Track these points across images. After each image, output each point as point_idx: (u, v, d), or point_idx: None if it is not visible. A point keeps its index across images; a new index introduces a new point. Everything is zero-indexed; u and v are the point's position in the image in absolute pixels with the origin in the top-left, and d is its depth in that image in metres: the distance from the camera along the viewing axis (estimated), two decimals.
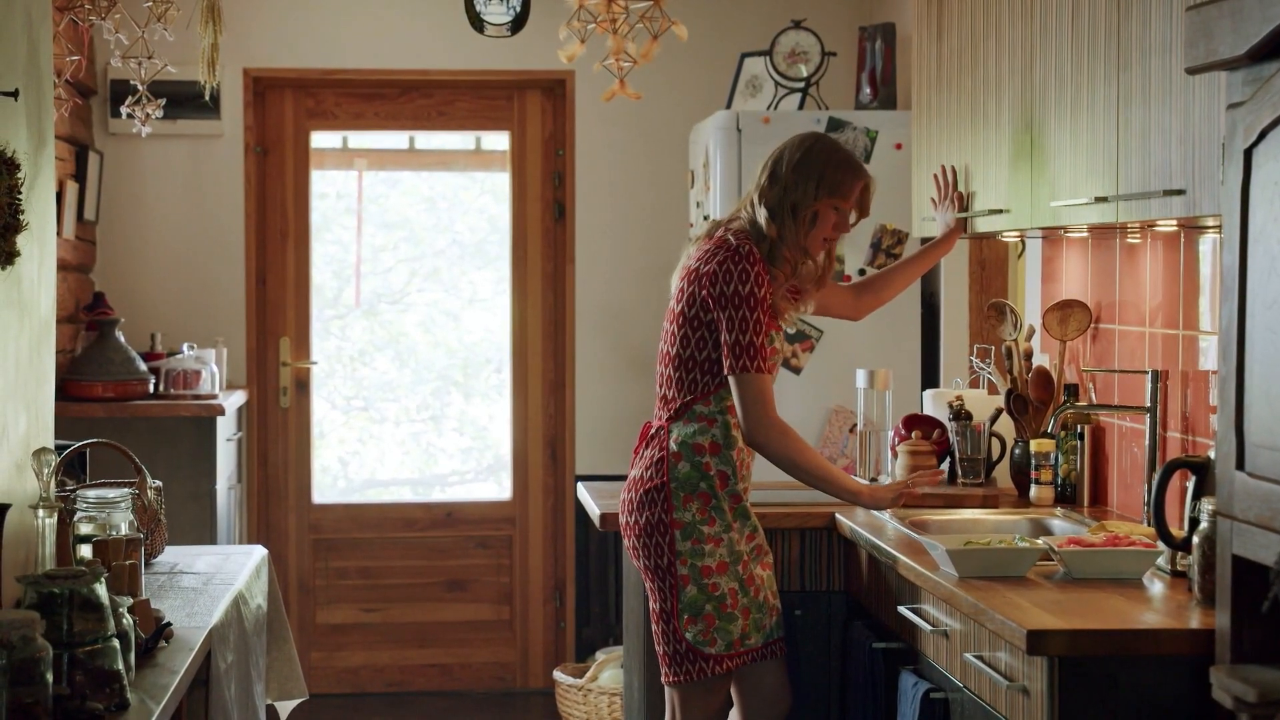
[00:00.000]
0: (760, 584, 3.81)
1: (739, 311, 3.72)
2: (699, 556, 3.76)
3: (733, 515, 3.79)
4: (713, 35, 6.31)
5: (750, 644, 3.80)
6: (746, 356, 3.71)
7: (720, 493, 3.78)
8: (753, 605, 3.80)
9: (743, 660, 3.79)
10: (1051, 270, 4.53)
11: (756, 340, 3.72)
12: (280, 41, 6.40)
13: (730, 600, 3.77)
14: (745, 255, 3.75)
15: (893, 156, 5.35)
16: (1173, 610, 2.96)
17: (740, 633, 3.78)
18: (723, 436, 3.80)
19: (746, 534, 3.81)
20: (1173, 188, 3.00)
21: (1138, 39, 3.18)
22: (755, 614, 3.80)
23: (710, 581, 3.76)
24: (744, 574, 3.78)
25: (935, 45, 4.52)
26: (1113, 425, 4.12)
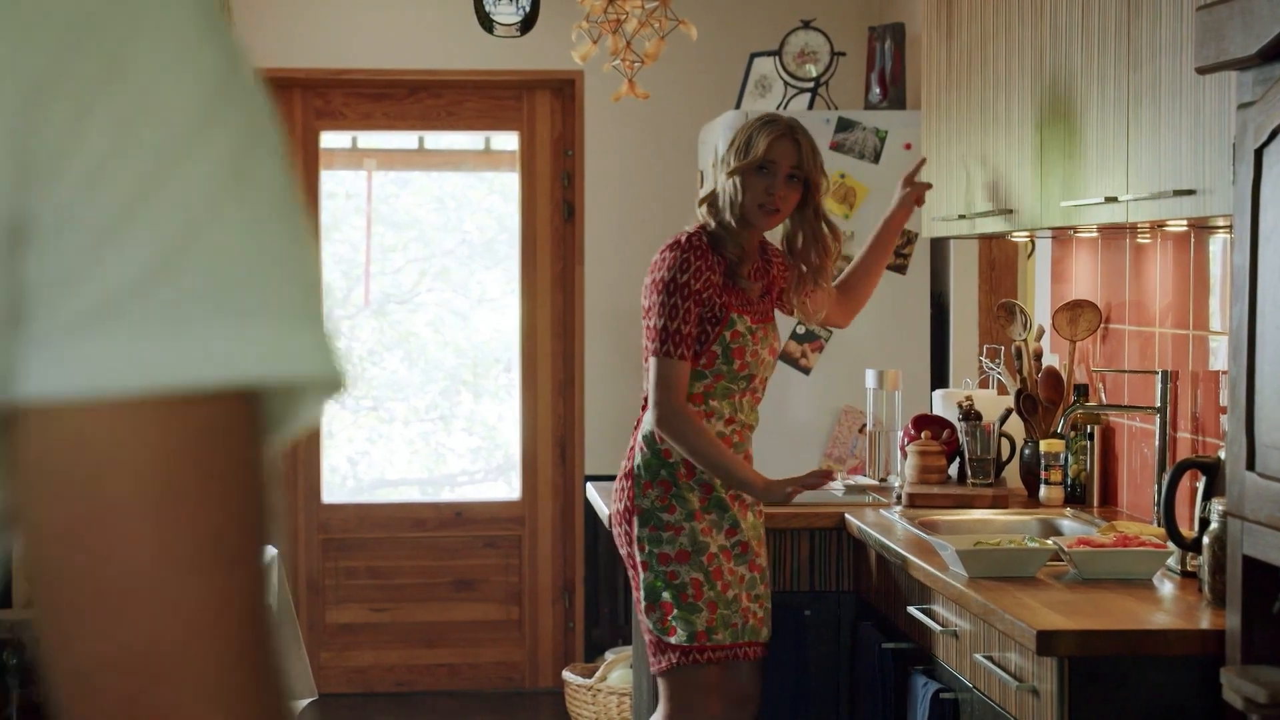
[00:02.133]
0: (735, 582, 3.79)
1: (662, 297, 3.74)
2: (656, 543, 3.77)
3: (702, 506, 3.77)
4: (722, 35, 6.31)
5: (717, 639, 3.77)
6: (662, 340, 3.73)
7: (684, 482, 3.76)
8: (720, 601, 3.77)
9: (712, 656, 3.76)
10: (1061, 270, 4.53)
11: (674, 326, 3.71)
12: (289, 41, 6.41)
13: (693, 590, 3.75)
14: (683, 245, 3.77)
15: (902, 156, 5.35)
16: (1183, 611, 2.96)
17: (705, 625, 3.75)
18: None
19: (725, 529, 3.78)
20: (1183, 188, 3.00)
21: (1148, 39, 3.18)
22: (723, 610, 3.77)
23: (668, 569, 3.76)
24: (710, 566, 3.76)
25: (945, 45, 4.52)
26: (1123, 425, 4.11)
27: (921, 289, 5.50)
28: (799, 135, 3.78)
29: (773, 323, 3.89)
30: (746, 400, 3.85)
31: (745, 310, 3.79)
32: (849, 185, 5.38)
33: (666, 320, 3.73)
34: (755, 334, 3.80)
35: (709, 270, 3.76)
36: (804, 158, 3.77)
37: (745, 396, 3.84)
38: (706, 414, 3.79)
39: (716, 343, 3.77)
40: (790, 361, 5.36)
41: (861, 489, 4.50)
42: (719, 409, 3.80)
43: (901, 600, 3.71)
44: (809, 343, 5.42)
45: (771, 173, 3.76)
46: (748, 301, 3.81)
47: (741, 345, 3.78)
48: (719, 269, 3.77)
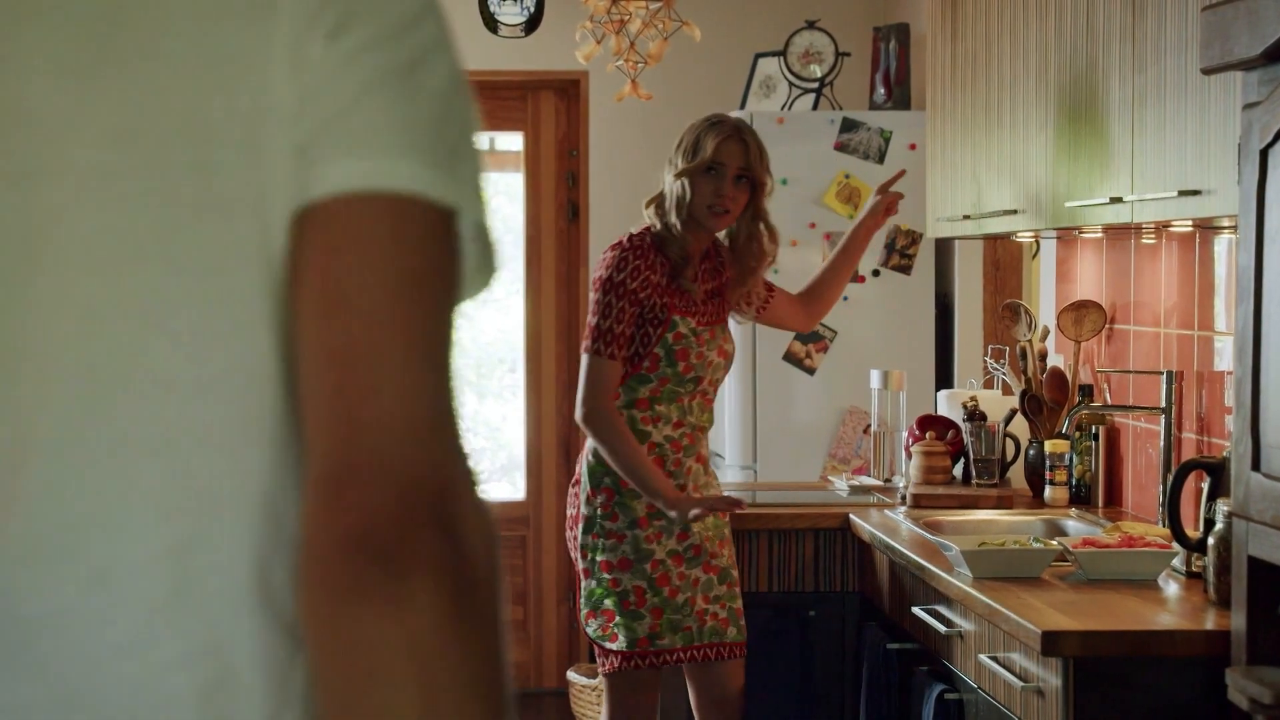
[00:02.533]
0: (687, 585, 3.76)
1: (599, 295, 3.74)
2: (598, 551, 3.76)
3: (650, 513, 3.74)
4: (726, 36, 6.31)
5: (662, 644, 3.75)
6: (594, 338, 3.73)
7: (628, 489, 3.73)
8: (666, 606, 3.75)
9: (655, 660, 3.75)
10: (1066, 271, 4.52)
11: (607, 325, 3.71)
12: None
13: (635, 597, 3.74)
14: (624, 245, 3.77)
15: (907, 157, 5.35)
16: (1188, 611, 2.95)
17: (648, 631, 3.74)
18: (632, 430, 3.76)
19: (676, 533, 3.75)
20: (1188, 188, 3.00)
21: (1153, 39, 3.17)
22: (670, 615, 3.75)
23: (610, 576, 3.75)
24: (655, 573, 3.74)
25: (950, 46, 4.52)
26: (1127, 426, 4.11)
27: (926, 289, 5.50)
28: (746, 136, 3.77)
29: (723, 324, 3.86)
30: (696, 403, 3.82)
31: (689, 312, 3.77)
32: (853, 186, 5.38)
33: (600, 319, 3.72)
34: (700, 336, 3.78)
35: (649, 270, 3.74)
36: (751, 159, 3.76)
37: (695, 399, 3.81)
38: (653, 419, 3.77)
39: (659, 345, 3.75)
40: (795, 362, 5.36)
41: (866, 489, 4.50)
42: (665, 413, 3.78)
43: (906, 601, 3.71)
44: (813, 343, 5.42)
45: (720, 174, 3.75)
46: (692, 303, 3.78)
47: (685, 347, 3.76)
48: (661, 270, 3.76)
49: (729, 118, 3.85)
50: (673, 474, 3.78)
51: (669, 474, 3.76)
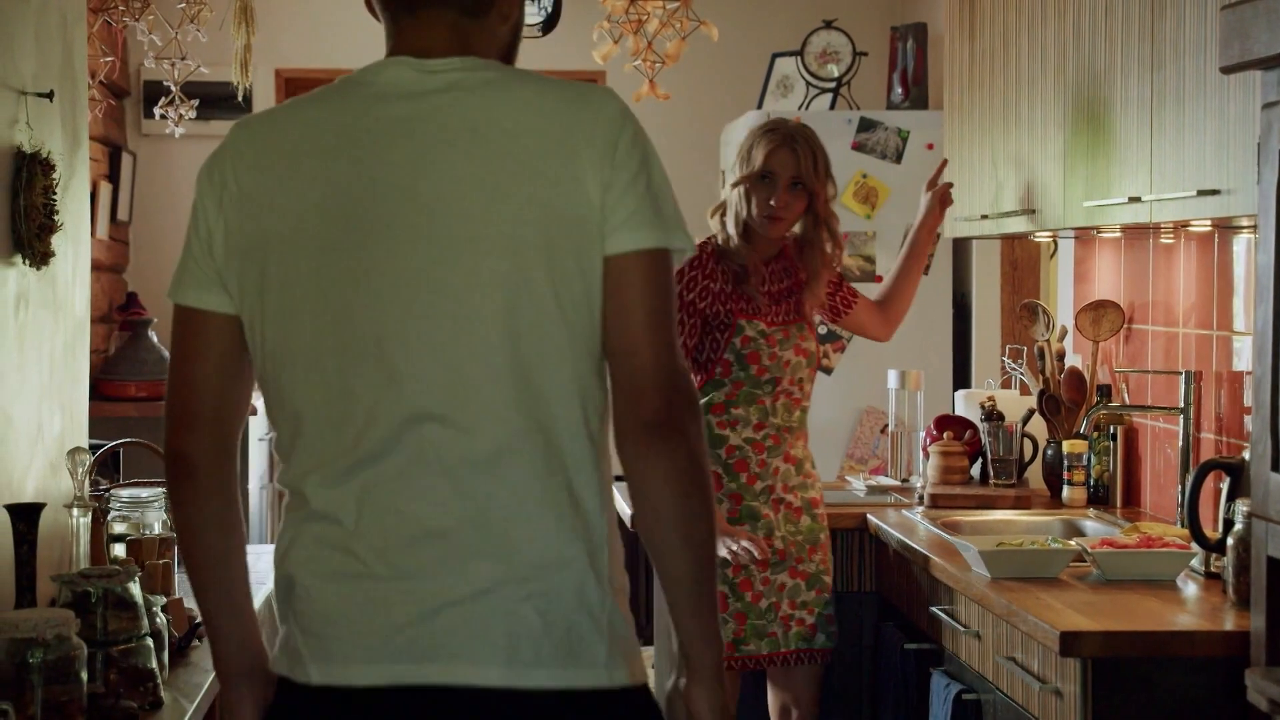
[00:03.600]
0: (771, 591, 3.78)
1: None
2: None
3: (732, 519, 3.77)
4: (744, 36, 6.31)
5: (747, 650, 3.77)
6: None
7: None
8: (750, 611, 3.77)
9: (734, 665, 3.76)
10: (1084, 270, 4.52)
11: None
12: (311, 42, 6.42)
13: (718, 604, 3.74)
14: (687, 261, 3.78)
15: (924, 156, 5.34)
16: (1207, 612, 2.95)
17: (732, 636, 3.76)
18: (706, 436, 3.76)
19: (760, 538, 3.78)
20: (1207, 188, 2.99)
21: (1171, 38, 3.17)
22: (754, 620, 3.77)
23: None
24: (737, 578, 3.75)
25: (967, 45, 4.51)
26: (1146, 426, 4.10)
27: (944, 289, 5.49)
28: (797, 144, 3.76)
29: (800, 323, 3.85)
30: (781, 403, 3.82)
31: (756, 315, 3.78)
32: (871, 185, 5.38)
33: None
34: (772, 337, 3.79)
35: (707, 279, 3.77)
36: (803, 167, 3.76)
37: (779, 400, 3.81)
38: (729, 422, 3.79)
39: (727, 350, 3.77)
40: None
41: (884, 489, 4.49)
42: (744, 415, 3.79)
43: (924, 601, 3.71)
44: (831, 343, 5.41)
45: (772, 182, 3.76)
46: (759, 306, 3.79)
47: (755, 350, 3.77)
48: (723, 278, 3.78)
49: (785, 124, 3.84)
50: (758, 475, 3.79)
51: (754, 475, 3.79)
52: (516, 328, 1.86)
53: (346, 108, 1.95)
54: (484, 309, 1.86)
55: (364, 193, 1.89)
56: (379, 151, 1.90)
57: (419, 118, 1.91)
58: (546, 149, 1.88)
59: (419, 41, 1.98)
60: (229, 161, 1.98)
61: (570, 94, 1.93)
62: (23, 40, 3.18)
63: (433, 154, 1.89)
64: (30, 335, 3.22)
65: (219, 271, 1.98)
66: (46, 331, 3.34)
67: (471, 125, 1.90)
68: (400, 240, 1.88)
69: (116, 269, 6.19)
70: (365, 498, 1.88)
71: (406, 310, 1.87)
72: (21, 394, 3.16)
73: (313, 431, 1.92)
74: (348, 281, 1.89)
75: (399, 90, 1.94)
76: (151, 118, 5.64)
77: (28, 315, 3.20)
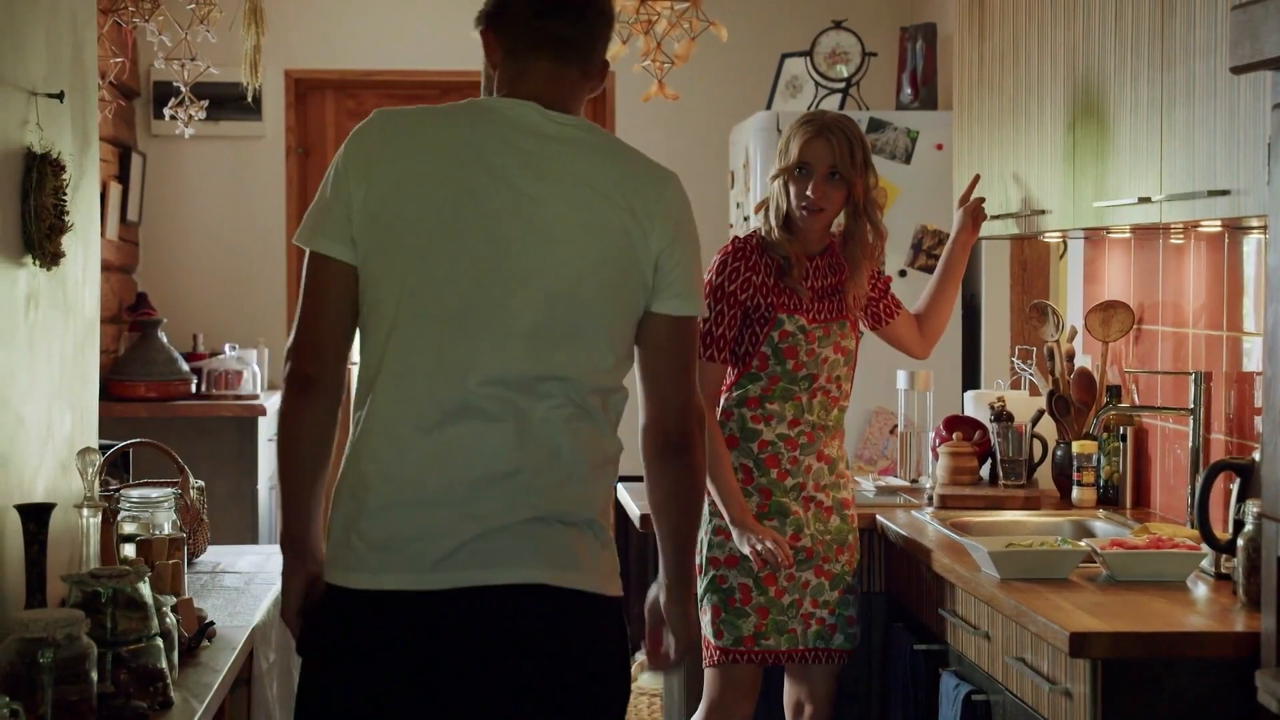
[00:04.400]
0: (795, 588, 3.79)
1: (706, 301, 3.76)
2: (709, 547, 3.80)
3: (761, 513, 3.77)
4: (753, 36, 6.31)
5: (767, 644, 3.78)
6: (699, 343, 3.75)
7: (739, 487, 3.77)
8: (773, 606, 3.78)
9: (753, 658, 3.78)
10: (1094, 271, 4.51)
11: (706, 329, 3.75)
12: (321, 43, 6.43)
13: (741, 595, 3.77)
14: (728, 251, 3.80)
15: (933, 157, 5.34)
16: (1217, 613, 2.94)
17: (753, 630, 3.77)
18: (739, 429, 3.79)
19: (788, 534, 3.79)
20: (1217, 188, 2.98)
21: (1182, 39, 3.16)
22: (776, 615, 3.78)
23: (718, 573, 3.78)
24: (762, 572, 3.76)
25: (977, 45, 4.51)
26: (1155, 427, 4.10)
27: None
28: (833, 134, 3.74)
29: (842, 321, 3.83)
30: (818, 401, 3.81)
31: (797, 310, 3.77)
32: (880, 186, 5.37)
33: (706, 324, 3.75)
34: (811, 333, 3.77)
35: (749, 271, 3.76)
36: (838, 157, 3.74)
37: (815, 397, 3.80)
38: (764, 416, 3.79)
39: (765, 344, 3.76)
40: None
41: (893, 490, 4.49)
42: (779, 411, 3.79)
43: (933, 602, 3.70)
44: None
45: (808, 173, 3.75)
46: (800, 301, 3.79)
47: (793, 345, 3.76)
48: (766, 270, 3.77)
49: (822, 115, 3.82)
50: (789, 472, 3.79)
51: (785, 472, 3.79)
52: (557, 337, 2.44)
53: (480, 128, 2.44)
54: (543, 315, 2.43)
55: (488, 200, 2.41)
56: (507, 172, 2.42)
57: (543, 156, 2.44)
58: (626, 212, 2.45)
59: (540, 88, 2.49)
60: (377, 142, 2.44)
61: (654, 174, 2.53)
62: (33, 41, 3.19)
63: (547, 188, 2.43)
64: (40, 335, 3.22)
65: (351, 229, 2.41)
66: (57, 332, 3.34)
67: (579, 177, 2.44)
68: (502, 246, 2.40)
69: (126, 269, 6.20)
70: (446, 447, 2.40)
71: (490, 300, 2.40)
72: (32, 394, 3.17)
73: (397, 384, 2.41)
74: (453, 266, 2.40)
75: (528, 128, 2.45)
76: (161, 118, 5.65)
77: (38, 315, 3.20)
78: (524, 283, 2.40)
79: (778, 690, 4.00)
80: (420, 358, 2.40)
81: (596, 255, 2.41)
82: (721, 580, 3.78)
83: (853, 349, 3.86)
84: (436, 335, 2.39)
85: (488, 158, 2.42)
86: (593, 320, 2.43)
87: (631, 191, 2.45)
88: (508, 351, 2.40)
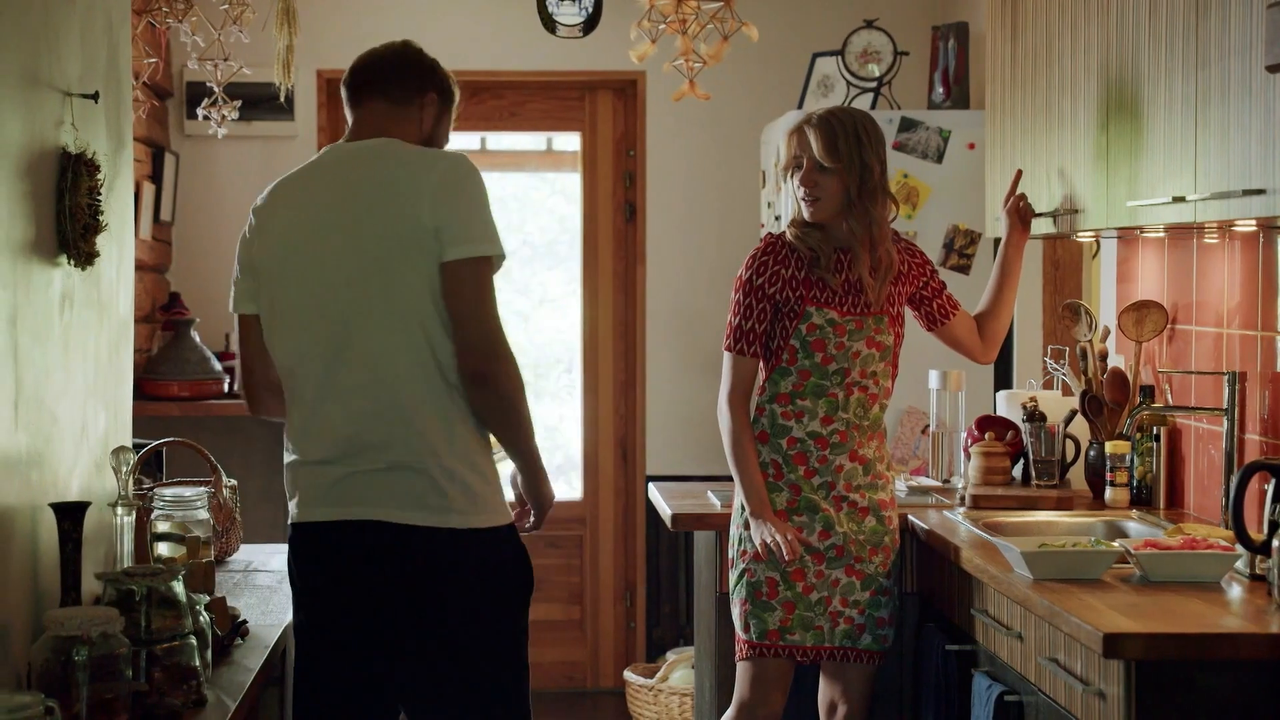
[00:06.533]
0: (824, 585, 3.78)
1: (737, 296, 3.87)
2: (740, 541, 3.84)
3: (791, 508, 3.79)
4: (784, 35, 6.30)
5: (792, 639, 3.79)
6: (728, 336, 3.86)
7: (768, 482, 3.80)
8: (800, 602, 3.78)
9: (780, 652, 3.79)
10: (1127, 271, 4.49)
11: (737, 323, 3.83)
12: (353, 43, 6.41)
13: (768, 589, 3.78)
14: (760, 248, 3.87)
15: (966, 156, 5.32)
16: (1252, 614, 2.93)
17: (779, 624, 3.78)
18: (770, 425, 3.82)
19: (817, 530, 3.79)
20: (1252, 187, 2.97)
21: (1216, 37, 3.15)
22: (803, 611, 3.78)
23: (747, 566, 3.81)
24: (789, 567, 3.76)
25: (1009, 44, 4.49)
26: (1189, 427, 4.08)
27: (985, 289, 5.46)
28: (813, 127, 3.78)
29: (876, 315, 3.81)
30: (855, 398, 3.80)
31: (827, 304, 3.77)
32: (912, 185, 5.36)
33: (738, 318, 3.83)
34: (841, 326, 3.76)
35: (780, 266, 3.79)
36: (818, 147, 3.76)
37: (852, 394, 3.79)
38: (795, 413, 3.79)
39: (794, 337, 3.77)
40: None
41: (925, 490, 4.48)
42: (810, 408, 3.79)
43: (965, 602, 3.70)
44: None
45: (799, 167, 3.80)
46: (831, 295, 3.78)
47: (822, 338, 3.76)
48: (797, 265, 3.80)
49: (813, 112, 3.84)
50: (816, 470, 3.79)
51: (812, 470, 3.79)
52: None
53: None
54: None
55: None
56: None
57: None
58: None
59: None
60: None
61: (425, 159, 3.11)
62: (68, 42, 3.20)
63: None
64: (75, 335, 3.24)
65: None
66: (91, 331, 3.36)
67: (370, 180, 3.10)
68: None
69: (159, 269, 6.23)
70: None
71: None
72: (67, 393, 3.18)
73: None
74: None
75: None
76: (194, 118, 5.67)
77: (73, 315, 3.22)
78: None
79: (812, 690, 4.00)
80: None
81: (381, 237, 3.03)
82: (750, 574, 3.80)
83: (890, 344, 3.85)
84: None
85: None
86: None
87: (405, 177, 3.04)
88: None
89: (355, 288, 3.00)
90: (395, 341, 2.98)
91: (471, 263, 2.98)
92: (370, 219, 3.01)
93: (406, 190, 3.00)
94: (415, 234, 2.97)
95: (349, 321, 3.00)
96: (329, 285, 3.02)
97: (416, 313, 2.98)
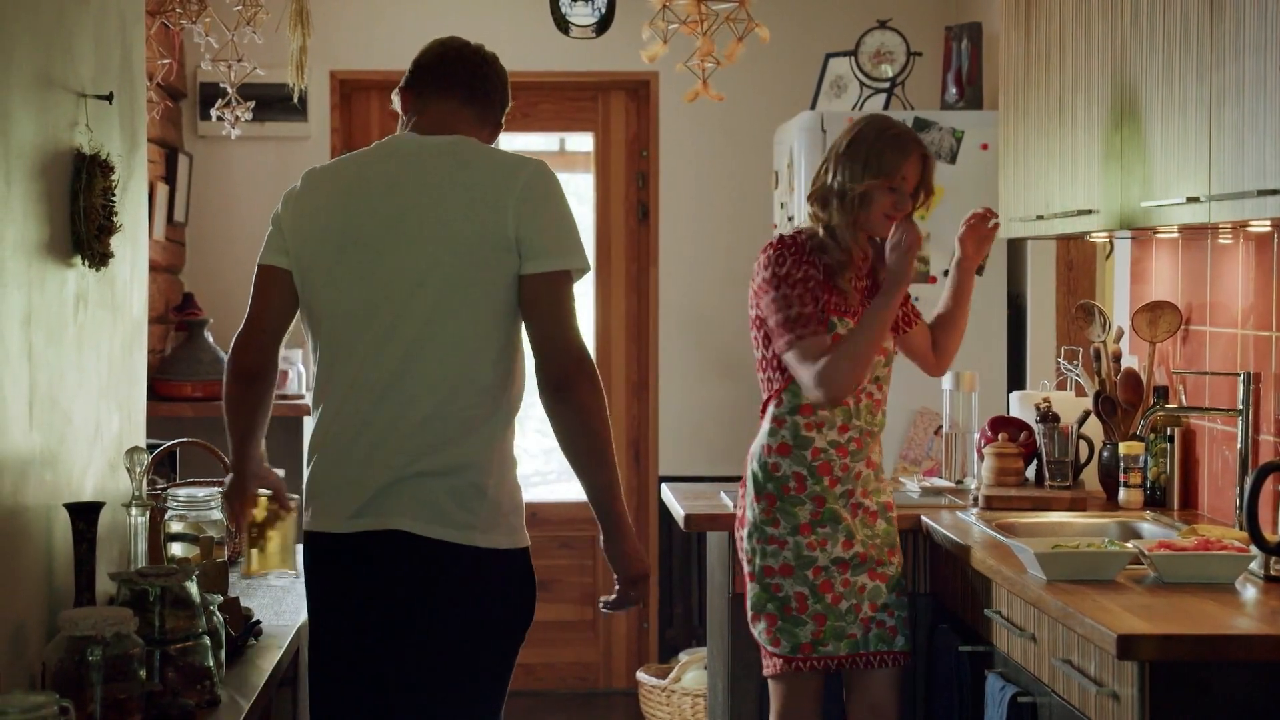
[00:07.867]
0: (853, 593, 3.77)
1: (772, 293, 3.70)
2: (762, 556, 3.78)
3: (814, 520, 3.77)
4: (797, 36, 6.30)
5: (826, 651, 3.77)
6: (785, 331, 3.68)
7: (790, 495, 3.75)
8: (830, 613, 3.77)
9: (816, 665, 3.77)
10: (1140, 271, 4.48)
11: (793, 311, 3.67)
12: (366, 44, 6.45)
13: (797, 604, 3.76)
14: (781, 243, 3.75)
15: (979, 157, 5.32)
16: (1266, 615, 2.92)
17: (811, 638, 3.76)
18: (792, 437, 3.77)
19: (841, 541, 3.78)
20: (1267, 187, 2.96)
21: (1231, 37, 3.14)
22: (834, 622, 3.76)
23: (773, 582, 3.77)
24: (817, 580, 3.75)
25: (1023, 44, 4.49)
26: (1203, 428, 4.07)
27: (999, 290, 5.46)
28: (929, 156, 3.77)
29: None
30: (865, 405, 3.79)
31: (847, 313, 3.74)
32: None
33: (784, 310, 3.69)
34: (840, 330, 3.75)
35: (808, 265, 3.72)
36: (929, 177, 3.76)
37: (862, 400, 3.78)
38: (816, 424, 3.76)
39: None
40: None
41: (938, 491, 4.48)
42: (829, 417, 3.76)
43: (978, 603, 3.69)
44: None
45: (900, 190, 3.73)
46: (849, 304, 3.76)
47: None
48: (817, 269, 3.73)
49: (908, 132, 3.77)
50: (839, 479, 3.77)
51: (836, 479, 3.77)
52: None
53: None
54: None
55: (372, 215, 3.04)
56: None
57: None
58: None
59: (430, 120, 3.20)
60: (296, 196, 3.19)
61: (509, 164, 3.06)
62: (82, 43, 3.21)
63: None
64: (89, 335, 3.24)
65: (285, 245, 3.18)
66: (105, 332, 3.37)
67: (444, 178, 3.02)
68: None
69: (173, 270, 6.23)
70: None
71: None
72: (81, 393, 3.19)
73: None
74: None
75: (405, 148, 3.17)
76: (208, 119, 5.68)
77: (87, 315, 3.22)
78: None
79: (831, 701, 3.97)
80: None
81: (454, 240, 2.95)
82: (776, 589, 3.77)
83: (891, 349, 3.86)
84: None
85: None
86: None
87: (487, 183, 2.96)
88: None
89: (421, 292, 2.90)
90: (453, 355, 2.90)
91: (552, 275, 2.91)
92: (449, 221, 2.91)
93: (490, 196, 2.91)
94: (497, 243, 2.90)
95: (405, 324, 2.91)
96: (389, 283, 2.92)
97: (482, 324, 2.91)
